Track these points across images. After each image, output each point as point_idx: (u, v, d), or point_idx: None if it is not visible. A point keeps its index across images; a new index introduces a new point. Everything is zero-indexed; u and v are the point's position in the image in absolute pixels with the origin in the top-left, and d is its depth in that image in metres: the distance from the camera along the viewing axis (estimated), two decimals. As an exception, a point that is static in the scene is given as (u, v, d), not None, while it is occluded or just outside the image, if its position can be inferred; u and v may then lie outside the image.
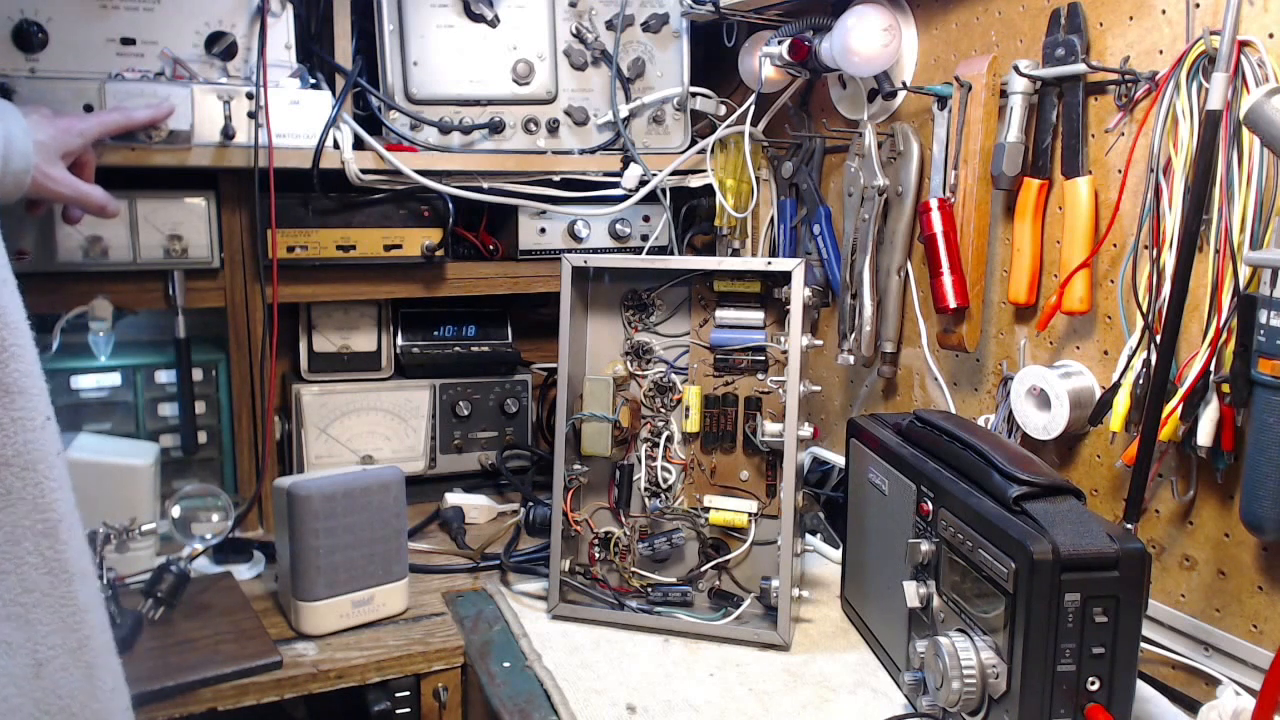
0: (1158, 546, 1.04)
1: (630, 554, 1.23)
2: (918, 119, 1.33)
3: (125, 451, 1.28)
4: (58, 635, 0.44)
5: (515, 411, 1.65)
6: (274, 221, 1.35)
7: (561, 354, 1.21)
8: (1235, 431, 0.94)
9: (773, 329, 1.20)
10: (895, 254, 1.32)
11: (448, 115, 1.47)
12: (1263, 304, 0.87)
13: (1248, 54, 0.91)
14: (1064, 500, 0.86)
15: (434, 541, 1.45)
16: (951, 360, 1.31)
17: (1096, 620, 0.79)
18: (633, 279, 1.25)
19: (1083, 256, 1.07)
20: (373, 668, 1.10)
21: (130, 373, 1.39)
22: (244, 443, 1.43)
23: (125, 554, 1.22)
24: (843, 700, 1.02)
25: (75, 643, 0.45)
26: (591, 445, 1.21)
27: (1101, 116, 1.08)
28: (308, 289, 1.45)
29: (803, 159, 1.52)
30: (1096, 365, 1.11)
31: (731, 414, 1.21)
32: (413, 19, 1.45)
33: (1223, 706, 0.88)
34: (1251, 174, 0.91)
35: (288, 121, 1.33)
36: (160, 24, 1.30)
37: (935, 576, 0.95)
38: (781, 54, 1.40)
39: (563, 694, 1.02)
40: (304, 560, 1.12)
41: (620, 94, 1.56)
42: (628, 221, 1.60)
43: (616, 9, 1.55)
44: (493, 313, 1.71)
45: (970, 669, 0.85)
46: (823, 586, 1.29)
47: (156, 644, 1.08)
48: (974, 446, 0.95)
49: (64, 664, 0.44)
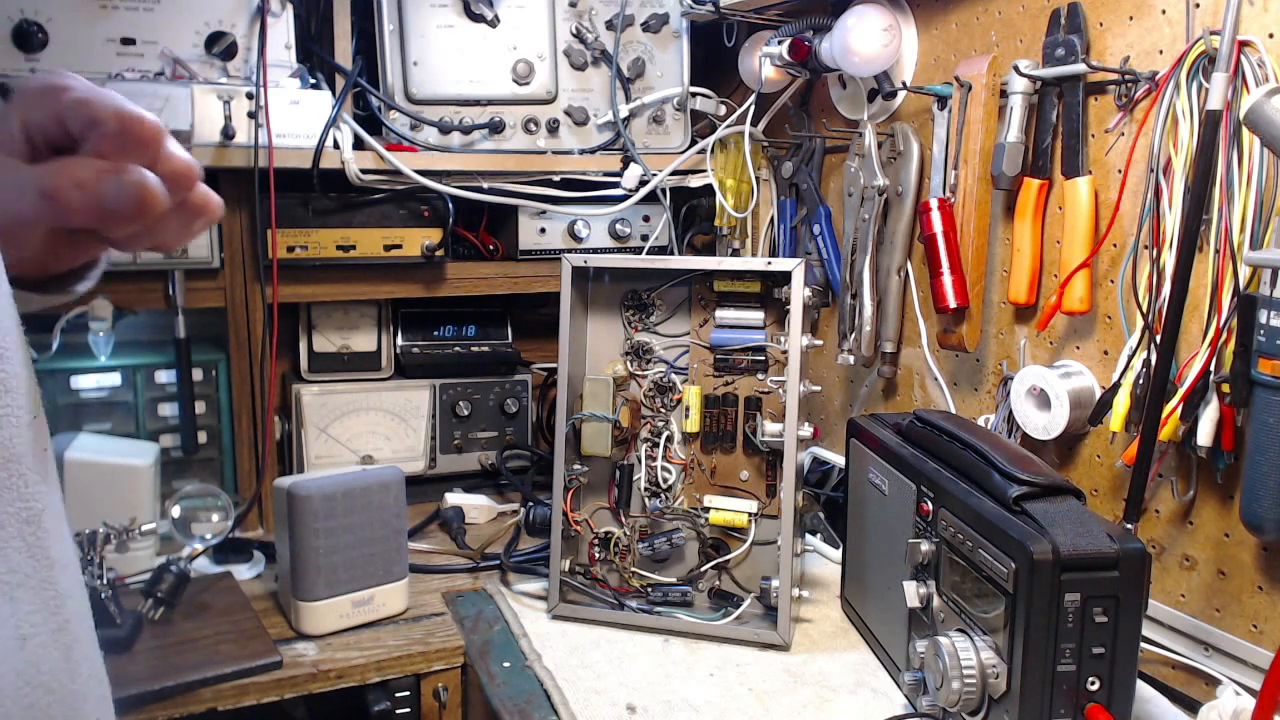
0: (1158, 546, 1.04)
1: (630, 554, 1.23)
2: (918, 119, 1.33)
3: (125, 451, 1.28)
4: (39, 615, 0.45)
5: (515, 411, 1.65)
6: (274, 221, 1.35)
7: (561, 354, 1.21)
8: (1235, 431, 0.94)
9: (773, 329, 1.20)
10: (895, 254, 1.32)
11: (448, 115, 1.47)
12: (1263, 304, 0.87)
13: (1248, 54, 0.91)
14: (1064, 500, 0.86)
15: (434, 541, 1.45)
16: (951, 360, 1.31)
17: (1096, 620, 0.79)
18: (633, 279, 1.25)
19: (1083, 256, 1.07)
20: (373, 668, 1.10)
21: (130, 373, 1.39)
22: (244, 443, 1.43)
23: (125, 554, 1.22)
24: (843, 700, 1.02)
25: (55, 625, 0.46)
26: (591, 445, 1.21)
27: (1101, 116, 1.08)
28: (308, 289, 1.45)
29: (803, 159, 1.52)
30: (1096, 365, 1.11)
31: (731, 414, 1.21)
32: (413, 19, 1.45)
33: (1223, 706, 0.88)
34: (1251, 174, 0.91)
35: (288, 121, 1.33)
36: (160, 24, 1.30)
37: (935, 576, 0.95)
38: (781, 54, 1.40)
39: (563, 694, 1.02)
40: (304, 560, 1.12)
41: (620, 94, 1.56)
42: (628, 221, 1.61)
43: (616, 9, 1.55)
44: (493, 313, 1.71)
45: (970, 669, 0.85)
46: (823, 586, 1.29)
47: (156, 644, 1.08)
48: (974, 446, 0.95)
49: (43, 642, 0.45)
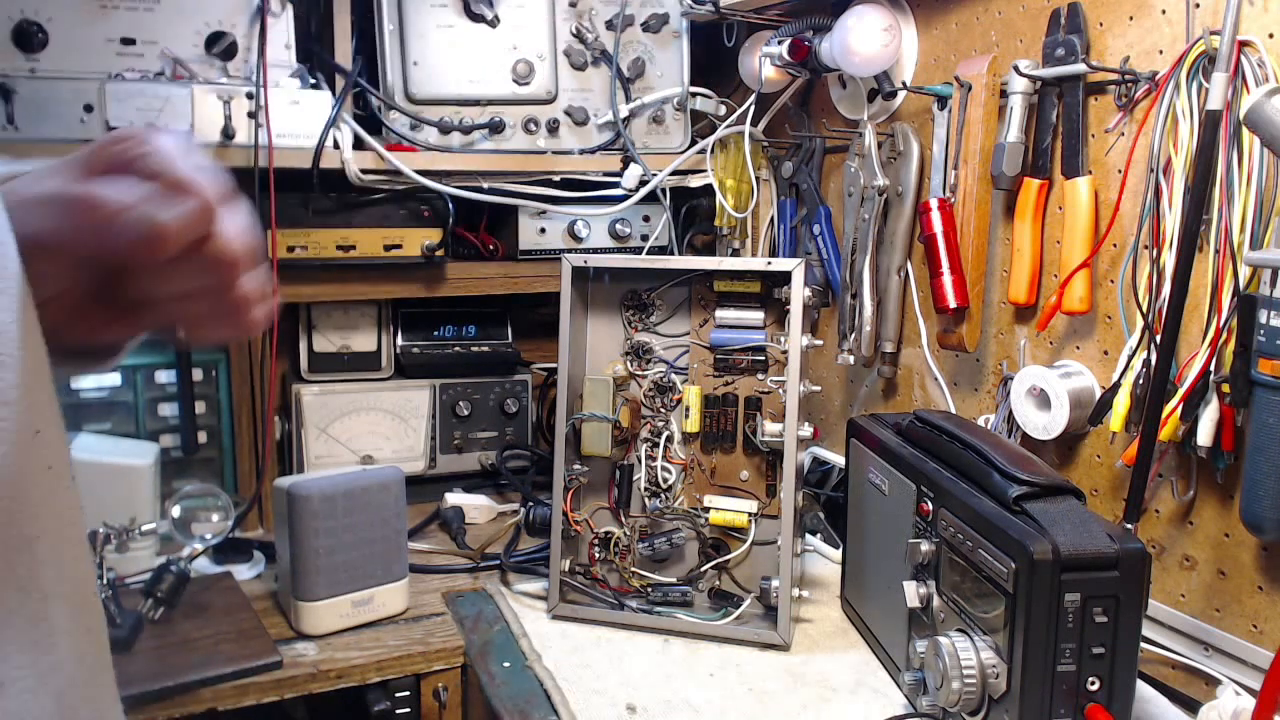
0: (1158, 546, 1.04)
1: (630, 554, 1.23)
2: (918, 119, 1.33)
3: (125, 451, 1.28)
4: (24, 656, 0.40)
5: (515, 411, 1.65)
6: (274, 221, 1.35)
7: (561, 354, 1.21)
8: (1235, 431, 0.94)
9: (773, 329, 1.20)
10: (895, 254, 1.32)
11: (448, 115, 1.46)
12: (1263, 304, 0.87)
13: (1248, 54, 0.91)
14: (1064, 500, 0.85)
15: (434, 541, 1.45)
16: (951, 360, 1.31)
17: (1096, 620, 0.79)
18: (633, 279, 1.25)
19: (1083, 256, 1.07)
20: (373, 668, 1.10)
21: (130, 373, 1.39)
22: (244, 443, 1.43)
23: (125, 554, 1.22)
24: (843, 700, 1.02)
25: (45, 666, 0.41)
26: (591, 445, 1.21)
27: (1101, 116, 1.08)
28: (308, 289, 1.45)
29: (803, 159, 1.52)
30: (1096, 365, 1.11)
31: (731, 414, 1.21)
32: (413, 19, 1.45)
33: (1223, 706, 0.88)
34: (1251, 174, 0.91)
35: (288, 121, 1.33)
36: (160, 24, 1.30)
37: (935, 576, 0.95)
38: (781, 54, 1.40)
39: (563, 694, 1.02)
40: (304, 560, 1.12)
41: (620, 94, 1.56)
42: (628, 221, 1.60)
43: (616, 9, 1.55)
44: (493, 313, 1.71)
45: (970, 669, 0.85)
46: (823, 586, 1.29)
47: (156, 644, 1.08)
48: (974, 446, 0.95)
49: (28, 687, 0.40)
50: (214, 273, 0.47)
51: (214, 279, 0.47)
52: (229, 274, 0.48)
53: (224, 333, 0.51)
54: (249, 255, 0.48)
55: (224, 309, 0.49)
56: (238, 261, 0.48)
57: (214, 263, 0.47)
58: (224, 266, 0.47)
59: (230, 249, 0.47)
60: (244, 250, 0.48)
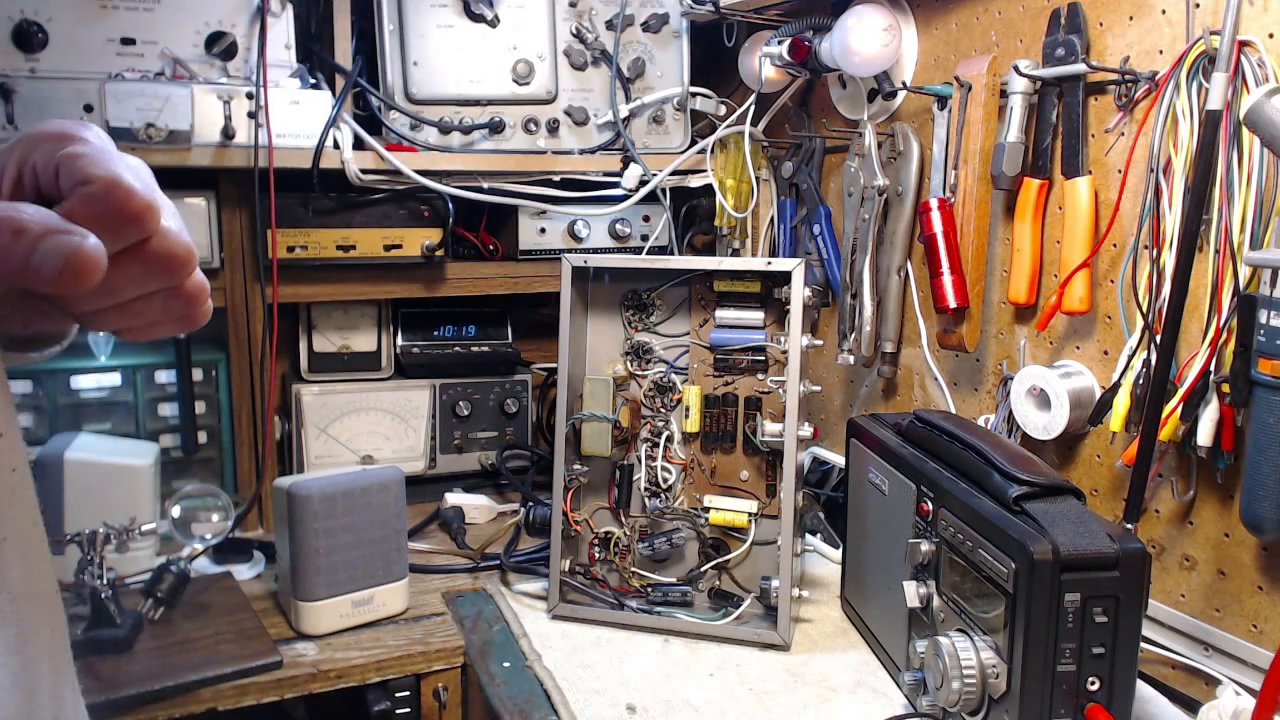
0: (1158, 546, 1.04)
1: (630, 554, 1.23)
2: (918, 119, 1.33)
3: (125, 451, 1.28)
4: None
5: (515, 411, 1.65)
6: (274, 221, 1.35)
7: (561, 354, 1.21)
8: (1235, 431, 0.94)
9: (773, 329, 1.20)
10: (895, 254, 1.32)
11: (448, 115, 1.47)
12: (1263, 304, 0.87)
13: (1248, 54, 0.91)
14: (1064, 500, 0.86)
15: (434, 541, 1.45)
16: (951, 360, 1.31)
17: (1096, 620, 0.79)
18: (633, 279, 1.25)
19: (1083, 256, 1.07)
20: (373, 668, 1.10)
21: (130, 373, 1.39)
22: (244, 443, 1.43)
23: (125, 554, 1.22)
24: (843, 700, 1.02)
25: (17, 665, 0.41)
26: (591, 445, 1.21)
27: (1101, 116, 1.08)
28: (308, 289, 1.45)
29: (803, 159, 1.52)
30: (1096, 365, 1.11)
31: (731, 414, 1.21)
32: (413, 19, 1.45)
33: (1223, 706, 0.88)
34: (1251, 174, 0.91)
35: (288, 121, 1.33)
36: (160, 24, 1.30)
37: (935, 576, 0.95)
38: (781, 54, 1.40)
39: (563, 694, 1.02)
40: (304, 560, 1.12)
41: (620, 94, 1.56)
42: (628, 221, 1.61)
43: (616, 9, 1.55)
44: (493, 313, 1.71)
45: (970, 669, 0.85)
46: (823, 586, 1.29)
47: (156, 644, 1.08)
48: (974, 446, 0.95)
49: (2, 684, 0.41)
50: (161, 274, 0.46)
51: (160, 280, 0.46)
52: (178, 273, 0.46)
53: (173, 330, 0.50)
54: (190, 251, 0.47)
55: (174, 308, 0.48)
56: (186, 258, 0.46)
57: (162, 263, 0.45)
58: (172, 266, 0.46)
59: (176, 247, 0.46)
60: (186, 247, 0.46)
